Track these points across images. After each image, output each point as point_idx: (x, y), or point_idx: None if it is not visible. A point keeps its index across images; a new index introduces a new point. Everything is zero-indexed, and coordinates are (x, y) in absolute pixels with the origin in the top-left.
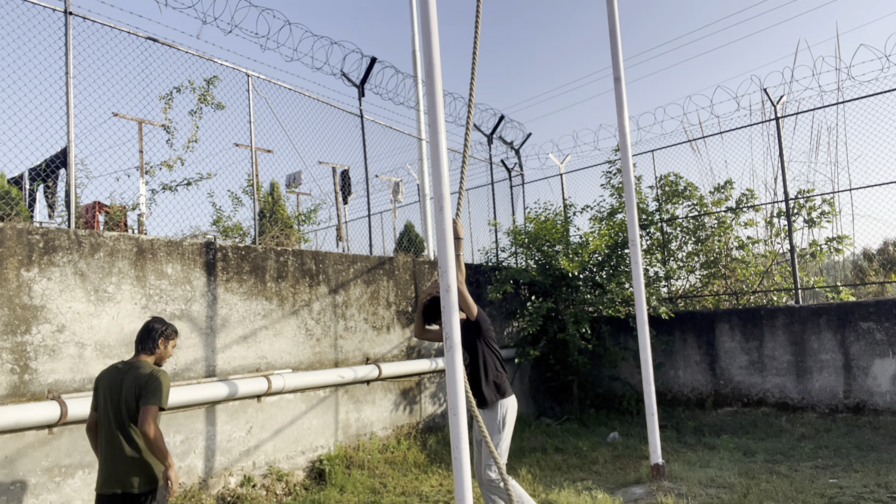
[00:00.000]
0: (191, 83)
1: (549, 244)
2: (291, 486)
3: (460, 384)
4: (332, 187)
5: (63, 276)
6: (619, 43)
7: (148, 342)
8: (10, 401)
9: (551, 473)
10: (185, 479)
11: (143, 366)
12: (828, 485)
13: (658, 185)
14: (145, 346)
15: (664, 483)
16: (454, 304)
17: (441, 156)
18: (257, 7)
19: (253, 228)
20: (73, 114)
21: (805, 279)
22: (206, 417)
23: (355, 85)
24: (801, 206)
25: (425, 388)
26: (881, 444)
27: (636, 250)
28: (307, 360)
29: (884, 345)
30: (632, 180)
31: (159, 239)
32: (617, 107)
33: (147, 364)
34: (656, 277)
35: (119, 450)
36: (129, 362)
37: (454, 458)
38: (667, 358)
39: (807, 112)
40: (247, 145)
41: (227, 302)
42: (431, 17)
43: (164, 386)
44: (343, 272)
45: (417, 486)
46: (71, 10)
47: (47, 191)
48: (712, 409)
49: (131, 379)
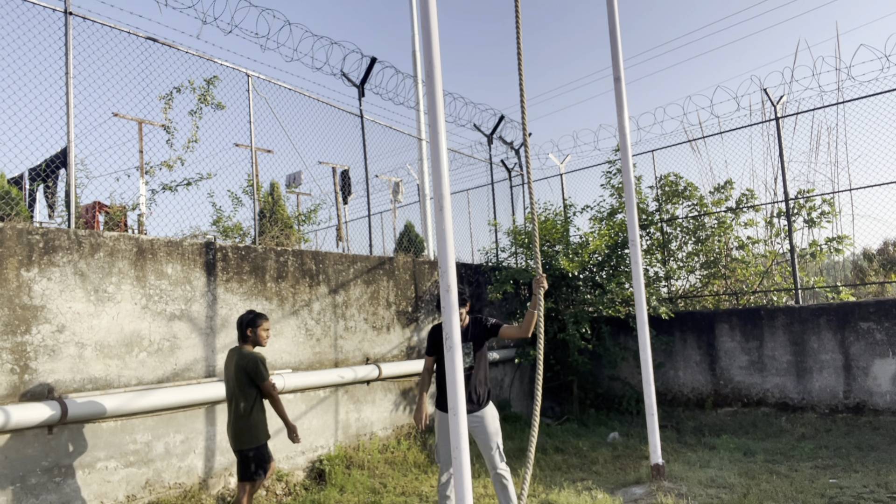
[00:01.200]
0: (191, 83)
1: (549, 244)
2: (291, 486)
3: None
4: (332, 187)
5: (63, 276)
6: (619, 43)
7: (240, 333)
8: (10, 401)
9: (551, 473)
10: (185, 480)
11: (242, 351)
12: (828, 485)
13: (658, 185)
14: (240, 336)
15: (664, 483)
16: (454, 304)
17: (441, 156)
18: (257, 7)
19: (253, 228)
20: (73, 114)
21: (805, 279)
22: (206, 417)
23: (355, 85)
24: (801, 206)
25: None
26: (881, 444)
27: (636, 250)
28: (307, 360)
29: (884, 345)
30: (632, 180)
31: (159, 239)
32: (617, 107)
33: (245, 349)
34: (656, 277)
35: (231, 415)
36: (235, 348)
37: (454, 458)
38: (667, 358)
39: (807, 112)
40: (247, 145)
41: (227, 302)
42: (431, 17)
43: (259, 363)
44: (343, 272)
45: (417, 486)
46: (71, 10)
47: (47, 191)
48: (712, 409)
49: (234, 362)
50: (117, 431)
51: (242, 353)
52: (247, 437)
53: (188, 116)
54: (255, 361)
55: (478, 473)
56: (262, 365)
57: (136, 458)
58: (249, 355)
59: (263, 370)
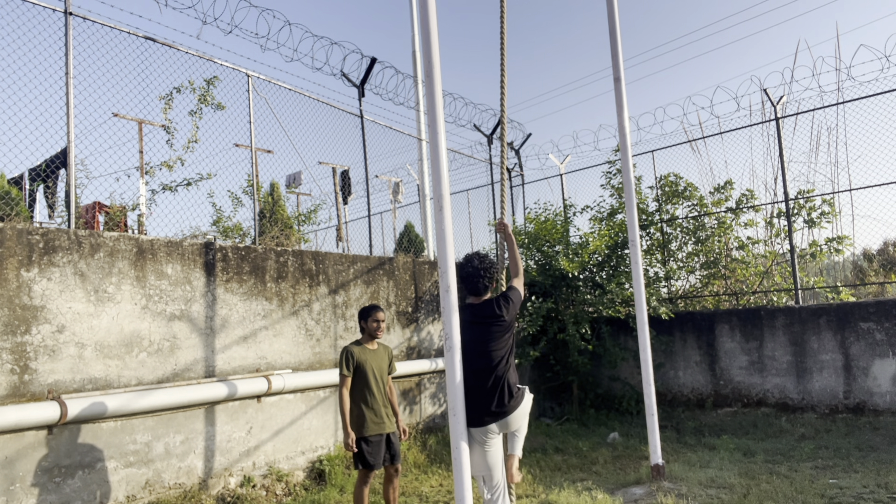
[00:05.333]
0: (191, 83)
1: (549, 244)
2: (291, 486)
3: (460, 384)
4: (332, 187)
5: (63, 277)
6: (619, 43)
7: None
8: (10, 401)
9: (551, 474)
10: (184, 480)
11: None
12: (828, 485)
13: (658, 186)
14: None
15: (664, 483)
16: (454, 304)
17: (440, 156)
18: (257, 7)
19: (253, 229)
20: (73, 114)
21: (805, 279)
22: (206, 418)
23: (355, 85)
24: (801, 207)
25: (425, 389)
26: (881, 445)
27: (636, 251)
28: (307, 360)
29: (884, 345)
30: (632, 180)
31: (159, 239)
32: (617, 107)
33: (354, 342)
34: (656, 278)
35: None
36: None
37: (454, 459)
38: (667, 358)
39: (807, 112)
40: (247, 145)
41: (226, 302)
42: (431, 17)
43: (341, 358)
44: (343, 272)
45: (417, 486)
46: (71, 11)
47: (47, 191)
48: (712, 410)
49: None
50: (117, 432)
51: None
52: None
53: (188, 117)
54: (339, 357)
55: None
56: (342, 360)
57: (135, 459)
58: (342, 351)
59: (340, 364)
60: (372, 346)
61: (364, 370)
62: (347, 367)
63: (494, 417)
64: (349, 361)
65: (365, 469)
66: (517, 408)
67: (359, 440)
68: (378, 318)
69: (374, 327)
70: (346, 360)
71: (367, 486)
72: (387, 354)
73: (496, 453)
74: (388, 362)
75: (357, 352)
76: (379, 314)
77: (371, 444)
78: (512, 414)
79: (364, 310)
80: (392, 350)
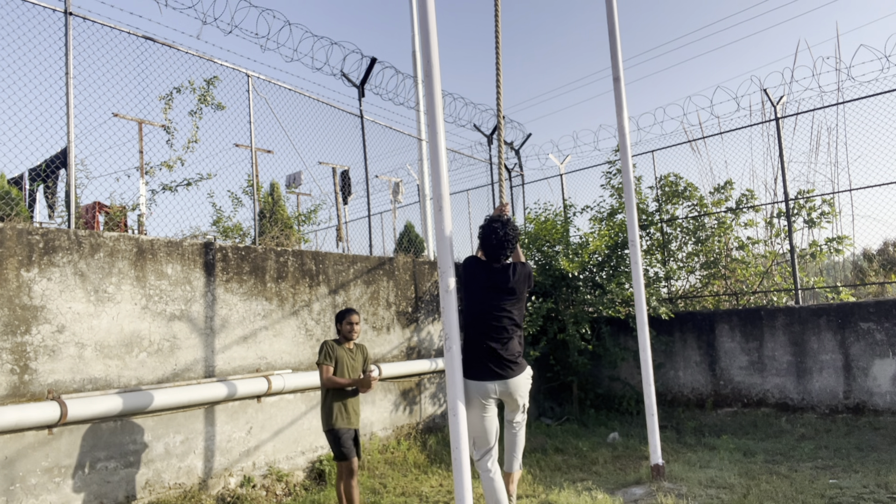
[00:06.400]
0: (191, 83)
1: (548, 244)
2: (291, 486)
3: (459, 384)
4: (332, 187)
5: (63, 277)
6: (619, 43)
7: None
8: (10, 401)
9: (551, 474)
10: (184, 480)
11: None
12: (828, 485)
13: (658, 186)
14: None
15: (664, 483)
16: (454, 304)
17: (440, 156)
18: (257, 7)
19: (253, 229)
20: (73, 114)
21: (805, 279)
22: (206, 418)
23: (355, 85)
24: (801, 207)
25: (425, 389)
26: (881, 445)
27: (636, 251)
28: (307, 360)
29: (884, 345)
30: (631, 181)
31: (159, 239)
32: (616, 107)
33: (333, 339)
34: (656, 278)
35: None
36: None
37: (454, 459)
38: (667, 358)
39: (807, 112)
40: (247, 145)
41: (226, 302)
42: (430, 17)
43: (321, 350)
44: (343, 272)
45: (417, 486)
46: (71, 11)
47: (47, 191)
48: (712, 410)
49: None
50: (117, 432)
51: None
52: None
53: (188, 117)
54: (319, 349)
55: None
56: (321, 352)
57: (135, 459)
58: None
59: (320, 355)
60: (349, 346)
61: (341, 366)
62: (328, 358)
63: (494, 377)
64: (329, 353)
65: (340, 462)
66: (518, 375)
67: (329, 431)
68: (352, 320)
69: (348, 329)
70: (326, 352)
71: (353, 478)
72: (361, 354)
73: (492, 419)
74: (364, 360)
75: (336, 347)
76: (353, 317)
77: (342, 436)
78: (512, 379)
79: (339, 314)
80: (367, 348)
